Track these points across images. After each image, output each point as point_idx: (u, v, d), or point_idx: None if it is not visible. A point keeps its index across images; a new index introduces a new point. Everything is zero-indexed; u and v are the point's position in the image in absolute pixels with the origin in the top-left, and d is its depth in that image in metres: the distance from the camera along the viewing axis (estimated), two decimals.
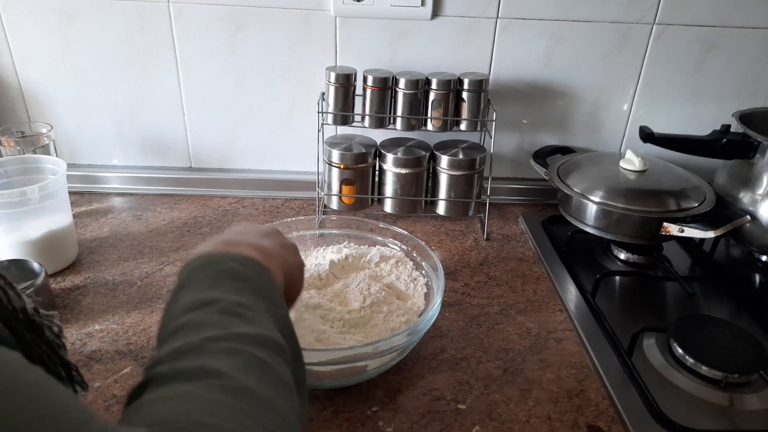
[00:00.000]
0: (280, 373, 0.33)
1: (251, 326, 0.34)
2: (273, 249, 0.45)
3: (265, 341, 0.34)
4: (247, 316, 0.35)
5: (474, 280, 0.86)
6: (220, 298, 0.36)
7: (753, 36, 0.98)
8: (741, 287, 0.85)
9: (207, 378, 0.30)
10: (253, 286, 0.39)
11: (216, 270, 0.39)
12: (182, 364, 0.31)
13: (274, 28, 0.96)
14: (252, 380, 0.31)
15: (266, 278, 0.41)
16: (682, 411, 0.63)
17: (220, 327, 0.34)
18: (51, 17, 0.95)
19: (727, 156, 0.89)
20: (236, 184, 1.07)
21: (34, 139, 0.93)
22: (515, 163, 1.09)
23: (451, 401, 0.65)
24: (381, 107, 0.95)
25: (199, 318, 0.35)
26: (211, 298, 0.36)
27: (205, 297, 0.36)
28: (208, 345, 0.32)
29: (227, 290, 0.37)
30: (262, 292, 0.39)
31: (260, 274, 0.40)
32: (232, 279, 0.38)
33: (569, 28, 0.97)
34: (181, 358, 0.32)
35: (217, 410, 0.28)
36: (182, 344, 0.32)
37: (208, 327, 0.34)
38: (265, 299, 0.38)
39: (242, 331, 0.34)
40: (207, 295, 0.36)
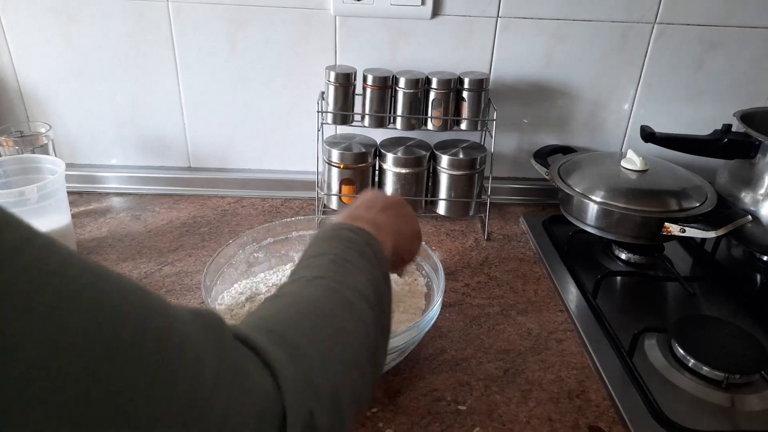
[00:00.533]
0: (359, 310, 0.41)
1: (346, 276, 0.43)
2: (387, 222, 0.53)
3: (354, 289, 0.42)
4: (348, 268, 0.44)
5: (474, 280, 0.86)
6: (333, 252, 0.45)
7: (753, 36, 0.98)
8: (742, 287, 0.85)
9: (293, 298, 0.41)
10: (361, 249, 0.47)
11: (336, 234, 0.48)
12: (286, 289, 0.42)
13: (274, 28, 0.96)
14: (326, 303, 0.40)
15: (375, 247, 0.48)
16: (683, 411, 0.62)
17: (327, 270, 0.43)
18: (50, 17, 0.95)
19: (729, 156, 0.89)
20: (235, 184, 1.07)
21: (33, 139, 0.93)
22: (516, 162, 1.09)
23: (452, 402, 0.65)
24: (381, 107, 0.95)
25: (314, 263, 0.45)
26: (326, 251, 0.46)
27: (323, 250, 0.46)
28: (313, 281, 0.42)
29: (339, 248, 0.46)
30: (368, 256, 0.47)
31: (370, 241, 0.48)
32: (346, 241, 0.47)
33: (570, 28, 0.97)
34: (291, 284, 0.43)
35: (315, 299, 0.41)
36: (297, 277, 0.43)
37: (319, 268, 0.43)
38: (366, 259, 0.46)
39: (337, 276, 0.43)
40: (324, 248, 0.46)
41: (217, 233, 0.95)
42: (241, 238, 0.77)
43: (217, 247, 0.85)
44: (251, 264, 0.79)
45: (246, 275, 0.77)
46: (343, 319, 0.39)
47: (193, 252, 0.90)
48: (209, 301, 0.67)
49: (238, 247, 0.76)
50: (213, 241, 0.93)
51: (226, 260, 0.74)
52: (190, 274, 0.84)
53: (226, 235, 0.94)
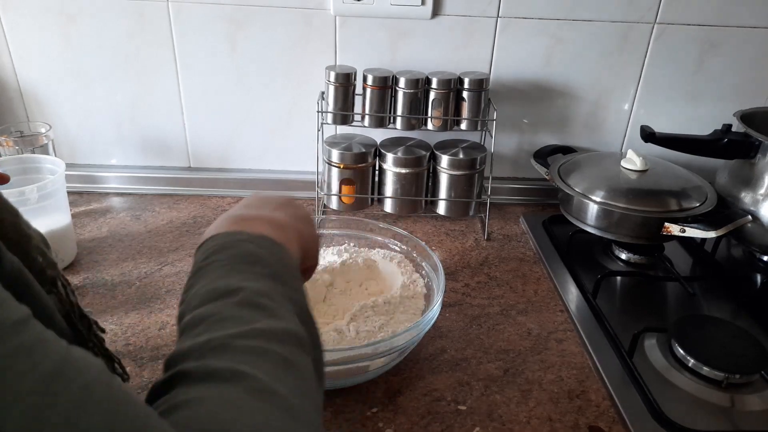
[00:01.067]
0: (303, 371, 0.33)
1: (272, 320, 0.34)
2: (287, 222, 0.44)
3: (287, 336, 0.34)
4: (268, 307, 0.35)
5: (474, 280, 0.86)
6: (239, 288, 0.35)
7: (753, 36, 0.98)
8: (742, 287, 0.85)
9: (242, 381, 0.30)
10: (271, 270, 0.38)
11: (232, 254, 0.38)
12: (212, 364, 0.31)
13: (274, 28, 0.96)
14: (281, 383, 0.31)
15: (283, 258, 0.40)
16: (683, 411, 0.63)
17: (242, 322, 0.33)
18: (50, 17, 0.95)
19: (729, 156, 0.89)
20: (235, 184, 1.07)
21: (33, 139, 0.93)
22: (516, 162, 1.09)
23: (452, 402, 0.65)
24: (381, 107, 0.95)
25: (220, 310, 0.34)
26: (230, 288, 0.35)
27: (224, 285, 0.36)
28: (233, 343, 0.32)
29: (246, 277, 0.36)
30: (280, 275, 0.38)
31: (276, 254, 0.40)
32: (249, 263, 0.38)
33: (569, 28, 0.97)
34: (208, 356, 0.31)
35: (257, 417, 0.28)
36: (207, 339, 0.32)
37: (231, 321, 0.33)
38: (282, 284, 0.38)
39: (264, 326, 0.34)
40: (225, 282, 0.36)
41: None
42: None
43: None
44: None
45: None
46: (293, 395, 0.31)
47: (193, 252, 0.89)
48: None
49: None
50: None
51: None
52: None
53: None
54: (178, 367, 0.31)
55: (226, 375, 0.30)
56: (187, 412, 0.28)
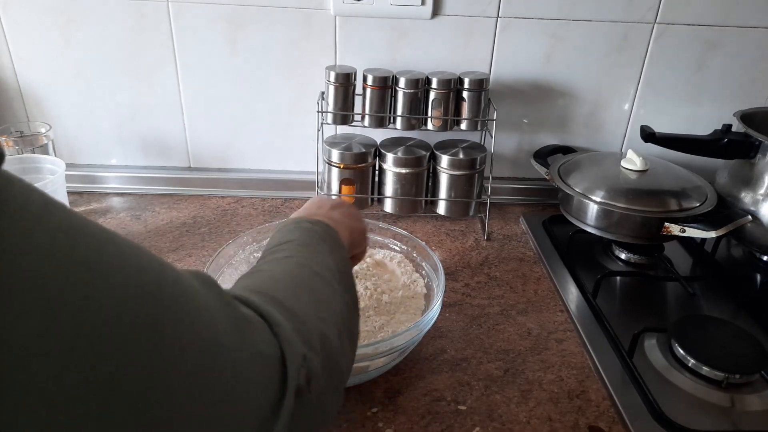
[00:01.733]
0: (331, 282, 0.45)
1: (314, 256, 0.47)
2: (340, 218, 0.57)
3: (323, 265, 0.46)
4: (312, 250, 0.48)
5: (474, 280, 0.86)
6: (296, 239, 0.49)
7: (753, 36, 0.98)
8: (742, 287, 0.85)
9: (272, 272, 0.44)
10: (322, 236, 0.51)
11: (296, 225, 0.52)
12: (260, 267, 0.45)
13: (274, 28, 0.96)
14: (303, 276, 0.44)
15: (333, 235, 0.52)
16: (683, 411, 0.62)
17: (294, 251, 0.47)
18: (50, 17, 0.95)
19: (729, 156, 0.89)
20: (235, 184, 1.07)
21: (33, 139, 0.93)
22: (516, 162, 1.09)
23: (452, 402, 0.65)
24: (381, 107, 0.95)
25: (282, 247, 0.48)
26: (291, 238, 0.49)
27: (288, 238, 0.49)
28: (284, 260, 0.45)
29: (302, 236, 0.49)
30: (328, 241, 0.51)
31: (328, 231, 0.52)
32: (307, 231, 0.51)
33: (569, 28, 0.97)
34: (263, 264, 0.46)
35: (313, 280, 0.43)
36: (268, 259, 0.46)
37: (286, 251, 0.47)
38: (329, 246, 0.50)
39: (307, 256, 0.47)
40: (289, 236, 0.50)
41: (217, 233, 0.95)
42: (241, 238, 0.77)
43: (217, 247, 0.85)
44: (251, 264, 0.78)
45: None
46: (316, 286, 0.43)
47: (193, 252, 0.90)
48: None
49: (238, 247, 0.76)
50: (213, 241, 0.93)
51: (226, 260, 0.74)
52: None
53: (226, 235, 0.94)
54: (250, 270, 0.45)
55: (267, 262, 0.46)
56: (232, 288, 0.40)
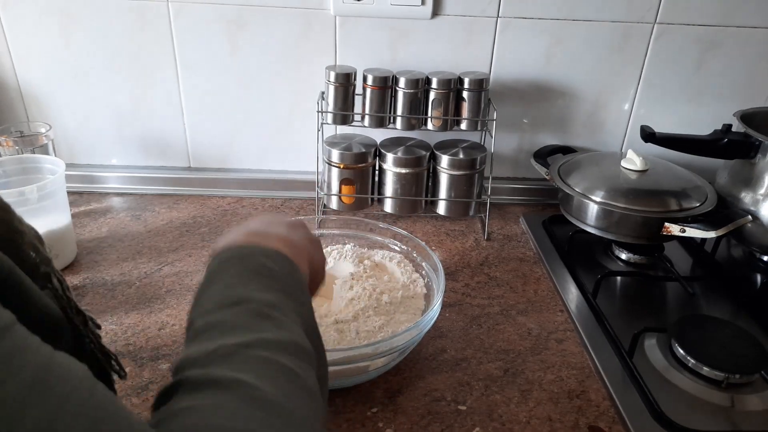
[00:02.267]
0: (308, 383, 0.34)
1: (281, 331, 0.35)
2: (299, 243, 0.45)
3: (294, 348, 0.35)
4: (277, 319, 0.36)
5: (474, 280, 0.86)
6: (250, 298, 0.36)
7: (753, 36, 0.98)
8: (742, 287, 0.85)
9: (240, 389, 0.30)
10: (282, 285, 0.39)
11: (246, 264, 0.40)
12: (215, 372, 0.31)
13: (274, 28, 0.96)
14: (282, 393, 0.31)
15: (294, 274, 0.41)
16: (683, 411, 0.62)
17: (251, 331, 0.34)
18: (51, 17, 0.95)
19: (729, 156, 0.89)
20: (235, 184, 1.07)
21: (33, 139, 0.93)
22: (516, 162, 1.09)
23: (452, 402, 0.65)
24: (381, 107, 0.95)
25: (230, 318, 0.35)
26: (242, 297, 0.37)
27: (236, 294, 0.37)
28: (240, 352, 0.33)
29: (257, 288, 0.37)
30: (290, 291, 0.40)
31: (287, 269, 0.41)
32: (262, 276, 0.39)
33: (569, 28, 0.97)
34: (214, 364, 0.32)
35: (251, 425, 0.29)
36: (215, 347, 0.33)
37: (240, 330, 0.34)
38: (292, 299, 0.39)
39: (272, 337, 0.34)
40: (238, 292, 0.37)
41: (217, 233, 0.95)
42: None
43: None
44: None
45: None
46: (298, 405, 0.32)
47: (193, 252, 0.90)
48: None
49: None
50: (213, 241, 0.93)
51: None
52: (190, 274, 0.84)
53: None
54: (183, 374, 0.32)
55: (226, 383, 0.30)
56: (181, 420, 0.28)
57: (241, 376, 0.31)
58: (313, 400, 0.33)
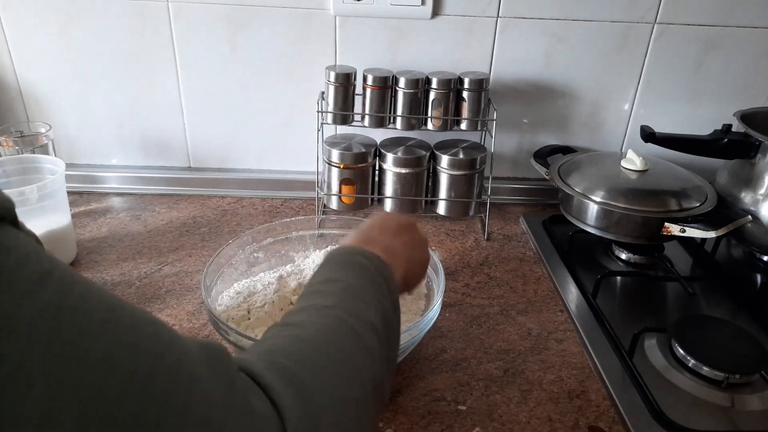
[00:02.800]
0: (367, 343, 0.41)
1: (359, 305, 0.43)
2: (400, 248, 0.54)
3: (363, 319, 0.42)
4: (358, 297, 0.44)
5: (474, 280, 0.86)
6: (344, 279, 0.46)
7: (753, 36, 0.98)
8: (742, 287, 0.85)
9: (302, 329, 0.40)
10: (372, 277, 0.47)
11: (347, 259, 0.49)
12: (296, 317, 0.42)
13: (274, 28, 0.96)
14: (336, 337, 0.40)
15: (385, 274, 0.48)
16: (683, 411, 0.62)
17: (337, 298, 0.43)
18: (51, 17, 0.95)
19: (729, 156, 0.89)
20: (235, 184, 1.07)
21: (33, 139, 0.93)
22: (516, 162, 1.09)
23: (452, 402, 0.65)
24: (381, 107, 0.95)
25: (326, 289, 0.45)
26: (337, 277, 0.46)
27: (335, 276, 0.46)
28: (323, 310, 0.42)
29: (351, 275, 0.46)
30: (378, 285, 0.47)
31: (381, 269, 0.48)
32: (358, 268, 0.47)
33: (569, 28, 0.97)
34: (301, 312, 0.42)
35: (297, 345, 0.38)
36: (307, 305, 0.43)
37: (329, 296, 0.44)
38: (378, 291, 0.46)
39: (350, 306, 0.43)
40: (336, 274, 0.47)
41: (217, 233, 0.95)
42: (241, 238, 0.77)
43: (217, 247, 0.84)
44: (251, 264, 0.78)
45: (246, 275, 0.77)
46: (352, 354, 0.39)
47: (193, 252, 0.90)
48: (209, 301, 0.67)
49: (238, 247, 0.76)
50: (213, 241, 0.93)
51: (226, 260, 0.74)
52: (190, 274, 0.84)
53: (226, 235, 0.94)
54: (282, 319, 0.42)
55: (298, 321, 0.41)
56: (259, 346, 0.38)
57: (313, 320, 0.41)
58: (369, 356, 0.40)
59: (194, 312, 0.77)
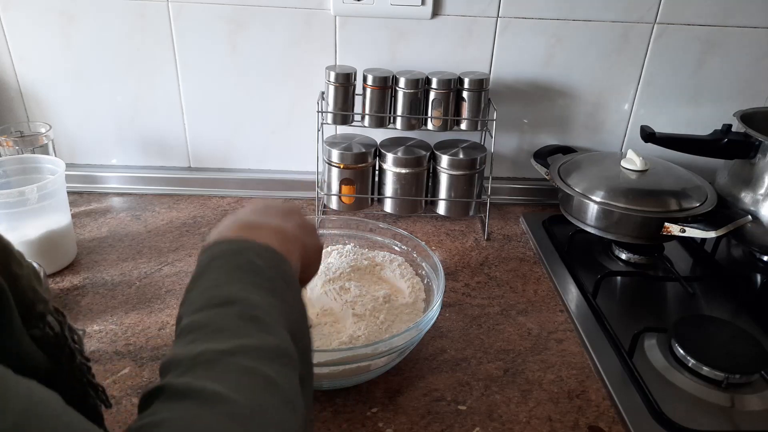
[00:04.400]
0: (289, 394, 0.34)
1: (265, 336, 0.35)
2: (292, 232, 0.45)
3: (276, 353, 0.35)
4: (262, 322, 0.36)
5: (474, 280, 0.86)
6: (237, 299, 0.37)
7: (753, 36, 0.98)
8: (742, 287, 0.85)
9: (218, 404, 0.30)
10: (271, 284, 0.39)
11: (236, 262, 0.39)
12: (196, 383, 0.31)
13: (274, 28, 0.96)
14: (260, 407, 0.31)
15: (284, 271, 0.41)
16: (683, 411, 0.63)
17: (235, 336, 0.34)
18: (51, 17, 0.95)
19: (729, 156, 0.89)
20: (235, 184, 1.07)
21: (33, 139, 0.93)
22: (516, 162, 1.09)
23: (452, 402, 0.65)
24: (381, 107, 0.95)
25: (217, 320, 0.35)
26: (229, 297, 0.37)
27: (224, 294, 0.37)
28: (222, 359, 0.33)
29: (245, 287, 0.37)
30: (278, 289, 0.39)
31: (277, 266, 0.40)
32: (251, 274, 0.39)
33: (569, 28, 0.97)
34: (196, 370, 0.32)
35: None
36: (199, 351, 0.33)
37: (225, 334, 0.34)
38: (279, 299, 0.39)
39: (256, 343, 0.34)
40: (225, 291, 0.37)
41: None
42: None
43: None
44: None
45: None
46: (280, 419, 0.32)
47: (193, 252, 0.90)
48: None
49: None
50: None
51: None
52: (190, 274, 0.84)
53: None
54: (166, 379, 0.32)
55: (205, 396, 0.30)
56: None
57: (221, 389, 0.31)
58: (293, 411, 0.33)
59: None
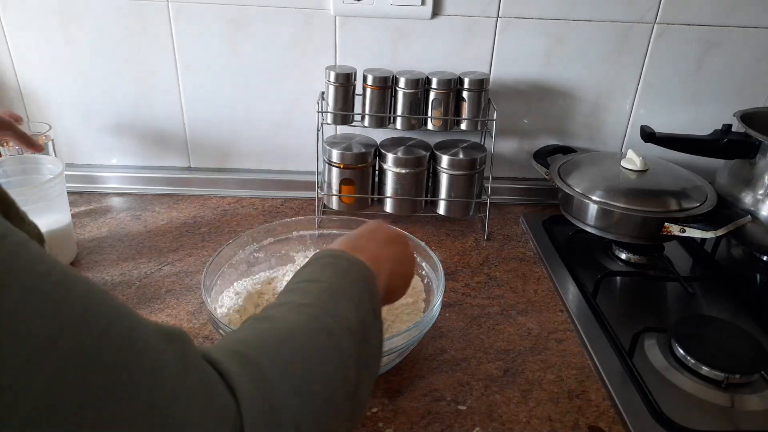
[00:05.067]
0: (340, 343, 0.40)
1: (337, 306, 0.43)
2: (386, 260, 0.53)
3: (340, 320, 0.42)
4: (338, 297, 0.44)
5: (474, 280, 0.86)
6: (325, 280, 0.46)
7: (753, 36, 0.98)
8: (742, 287, 0.85)
9: (274, 322, 0.40)
10: (354, 281, 0.47)
11: (332, 261, 0.48)
12: (271, 312, 0.42)
13: (274, 28, 0.96)
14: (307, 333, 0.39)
15: (369, 280, 0.48)
16: (683, 411, 0.62)
17: (316, 297, 0.43)
18: (51, 17, 0.95)
19: (729, 156, 0.89)
20: (235, 184, 1.07)
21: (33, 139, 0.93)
22: (516, 162, 1.09)
23: (452, 402, 0.65)
24: (381, 107, 0.95)
25: (306, 287, 0.45)
26: (319, 278, 0.46)
27: (317, 276, 0.46)
28: (299, 307, 0.42)
29: (333, 276, 0.46)
30: (360, 288, 0.47)
31: (364, 275, 0.48)
32: (341, 273, 0.47)
33: (570, 28, 0.97)
34: (277, 308, 0.42)
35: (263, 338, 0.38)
36: (285, 301, 0.43)
37: (308, 294, 0.43)
38: (358, 294, 0.46)
39: (328, 306, 0.43)
40: (318, 275, 0.47)
41: (217, 233, 0.95)
42: (241, 238, 0.77)
43: (217, 247, 0.85)
44: (251, 264, 0.78)
45: (246, 275, 0.77)
46: (322, 352, 0.38)
47: (193, 252, 0.90)
48: (209, 301, 0.67)
49: (237, 247, 0.76)
50: (213, 241, 0.93)
51: (226, 260, 0.74)
52: (190, 274, 0.84)
53: (226, 235, 0.94)
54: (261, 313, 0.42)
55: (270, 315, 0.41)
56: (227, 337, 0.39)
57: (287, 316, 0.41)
58: (341, 359, 0.39)
59: (194, 312, 0.77)
